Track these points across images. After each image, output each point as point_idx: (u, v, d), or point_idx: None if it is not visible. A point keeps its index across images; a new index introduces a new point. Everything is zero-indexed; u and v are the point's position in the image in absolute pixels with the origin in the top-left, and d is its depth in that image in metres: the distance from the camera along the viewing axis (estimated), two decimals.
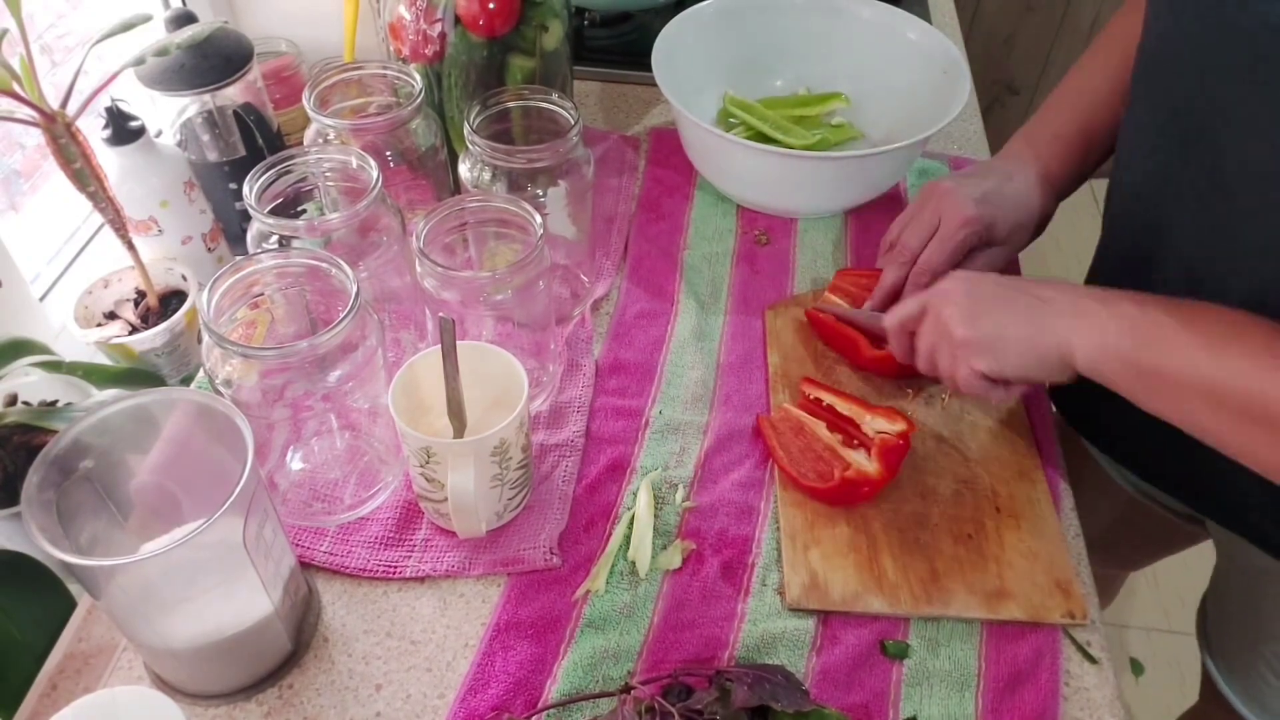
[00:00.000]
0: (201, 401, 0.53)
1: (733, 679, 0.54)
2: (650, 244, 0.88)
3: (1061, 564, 0.64)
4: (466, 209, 0.68)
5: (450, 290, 0.64)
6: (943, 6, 1.24)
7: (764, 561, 0.64)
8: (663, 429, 0.72)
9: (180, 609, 0.53)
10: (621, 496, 0.68)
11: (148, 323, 0.90)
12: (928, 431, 0.72)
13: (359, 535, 0.65)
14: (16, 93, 0.75)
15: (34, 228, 0.97)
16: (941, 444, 0.71)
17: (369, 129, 0.73)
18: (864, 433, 0.68)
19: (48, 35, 1.01)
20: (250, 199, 0.64)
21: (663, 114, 1.04)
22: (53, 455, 0.49)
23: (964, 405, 0.73)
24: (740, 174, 0.88)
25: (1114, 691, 0.59)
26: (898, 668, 0.60)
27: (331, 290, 0.61)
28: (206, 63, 0.89)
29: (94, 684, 0.58)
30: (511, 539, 0.65)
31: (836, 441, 0.68)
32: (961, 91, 0.85)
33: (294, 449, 0.70)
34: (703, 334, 0.80)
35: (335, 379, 0.59)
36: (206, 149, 0.95)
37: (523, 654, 0.59)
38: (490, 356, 0.63)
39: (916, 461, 0.69)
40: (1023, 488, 0.68)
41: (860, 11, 0.96)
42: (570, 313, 0.80)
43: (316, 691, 0.58)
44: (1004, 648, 0.60)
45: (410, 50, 0.80)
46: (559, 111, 0.75)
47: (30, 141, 1.00)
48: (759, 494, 0.68)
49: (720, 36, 0.97)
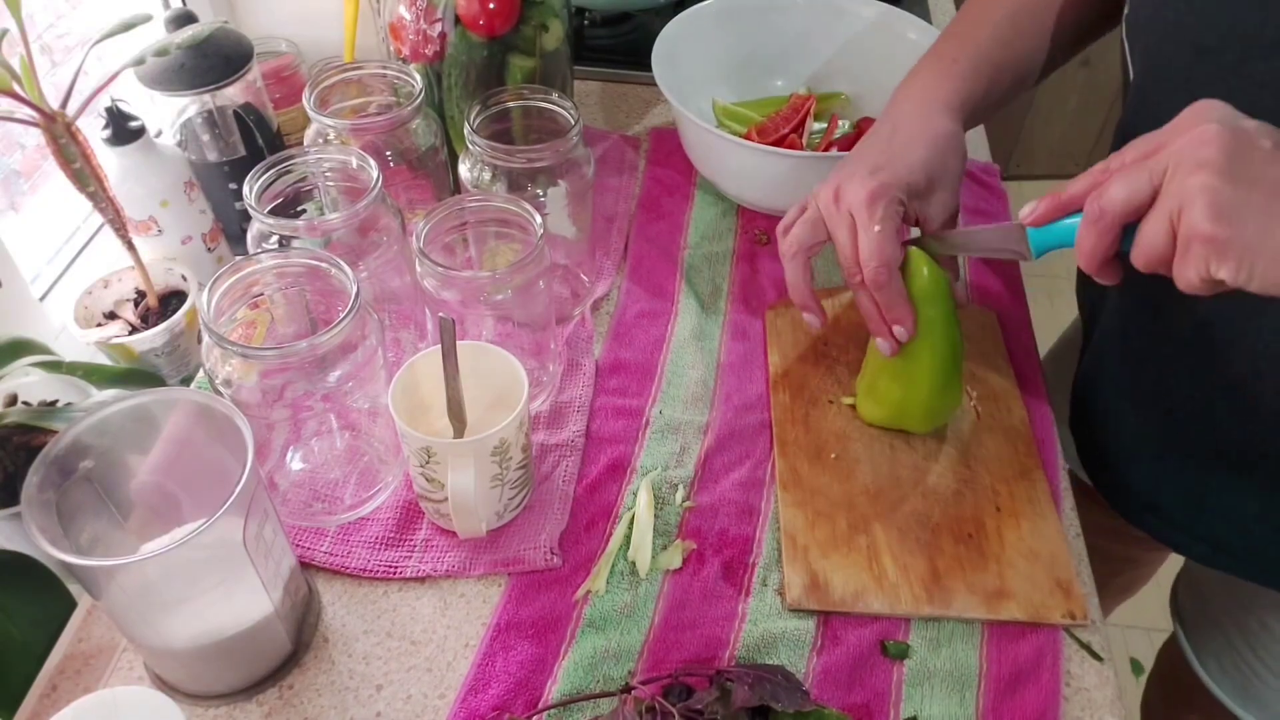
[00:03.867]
0: (201, 401, 0.53)
1: (733, 679, 0.54)
2: (650, 244, 0.88)
3: (1062, 564, 0.64)
4: (466, 209, 0.68)
5: (450, 290, 0.64)
6: (943, 6, 1.24)
7: (764, 561, 0.64)
8: (663, 429, 0.72)
9: (180, 609, 0.53)
10: (622, 496, 0.68)
11: (148, 323, 0.90)
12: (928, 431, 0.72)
13: (359, 535, 0.65)
14: (16, 93, 0.74)
15: (34, 228, 0.97)
16: (942, 443, 0.71)
17: (369, 129, 0.73)
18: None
19: (48, 35, 1.01)
20: (250, 199, 0.64)
21: (663, 114, 1.04)
22: (53, 455, 0.49)
23: (970, 406, 0.73)
24: (740, 174, 0.88)
25: (1115, 692, 0.59)
26: (898, 668, 0.60)
27: (331, 290, 0.61)
28: (206, 63, 0.89)
29: (94, 684, 0.58)
30: (512, 539, 0.65)
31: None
32: None
33: (294, 449, 0.70)
34: (703, 334, 0.80)
35: (335, 379, 0.59)
36: (206, 149, 0.95)
37: (523, 654, 0.59)
38: (490, 356, 0.63)
39: (917, 461, 0.69)
40: (1023, 487, 0.68)
41: (860, 11, 0.96)
42: (570, 312, 0.80)
43: (317, 692, 0.58)
44: (1005, 648, 0.60)
45: (410, 50, 0.80)
46: (559, 111, 0.75)
47: (30, 141, 1.00)
48: (759, 494, 0.68)
49: (720, 36, 0.97)
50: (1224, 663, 0.78)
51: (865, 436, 0.71)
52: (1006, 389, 0.75)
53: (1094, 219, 0.48)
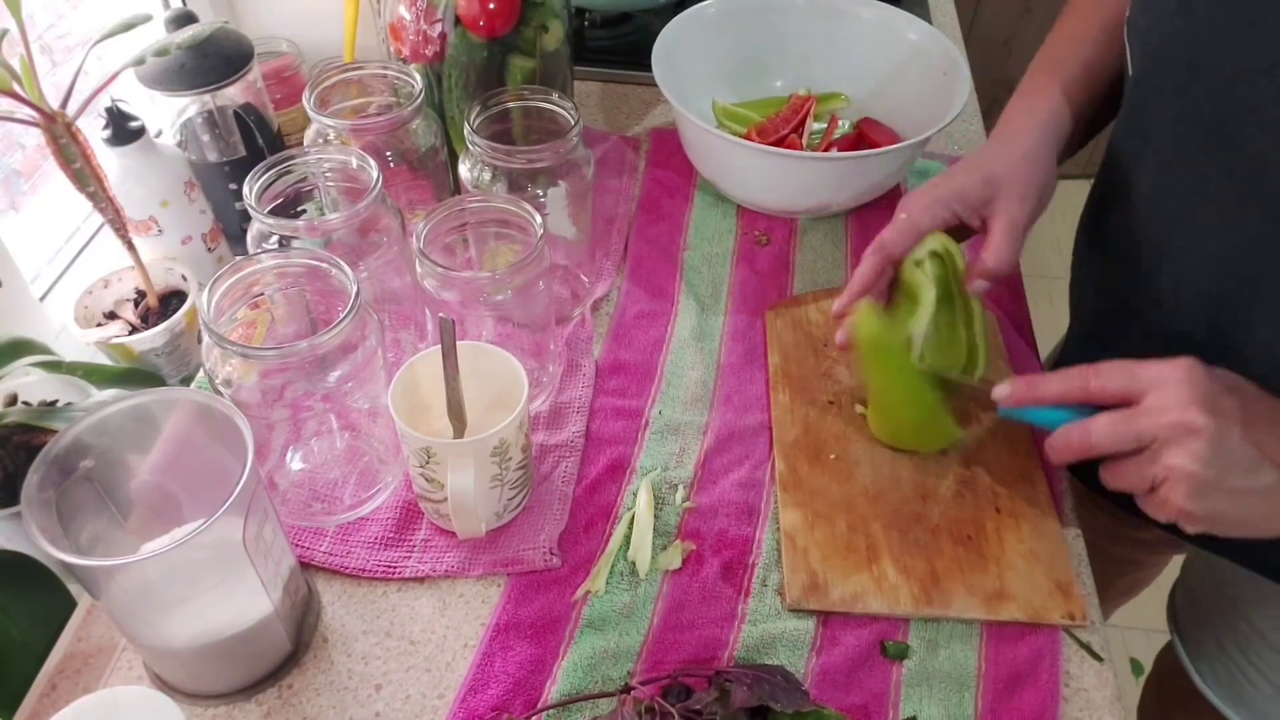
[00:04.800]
0: (201, 401, 0.53)
1: (732, 679, 0.54)
2: (650, 244, 0.88)
3: (1062, 565, 0.64)
4: (467, 209, 0.68)
5: (450, 290, 0.64)
6: (943, 7, 1.24)
7: (764, 562, 0.64)
8: (663, 429, 0.72)
9: (180, 609, 0.53)
10: (621, 497, 0.68)
11: (148, 323, 0.90)
12: None
13: (359, 535, 0.65)
14: (16, 93, 0.75)
15: (34, 228, 0.97)
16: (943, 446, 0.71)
17: (369, 129, 0.73)
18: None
19: (48, 35, 1.01)
20: (250, 199, 0.64)
21: (663, 114, 1.04)
22: (53, 455, 0.49)
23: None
24: (740, 174, 0.88)
25: (1114, 692, 0.59)
26: (897, 668, 0.60)
27: (331, 290, 0.61)
28: (206, 63, 0.89)
29: (94, 684, 0.58)
30: (511, 539, 0.65)
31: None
32: (961, 92, 0.85)
33: (294, 449, 0.70)
34: (703, 334, 0.80)
35: (335, 379, 0.59)
36: (206, 149, 0.95)
37: (522, 654, 0.59)
38: (490, 356, 0.63)
39: (917, 462, 0.69)
40: (1023, 488, 0.68)
41: (860, 12, 0.96)
42: (570, 313, 0.80)
43: (316, 691, 0.58)
44: (1004, 649, 0.60)
45: (410, 50, 0.80)
46: (559, 112, 0.75)
47: (30, 141, 1.00)
48: (759, 494, 0.68)
49: (720, 36, 0.97)
50: (1217, 668, 0.78)
51: (865, 438, 0.71)
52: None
53: (1075, 446, 0.55)
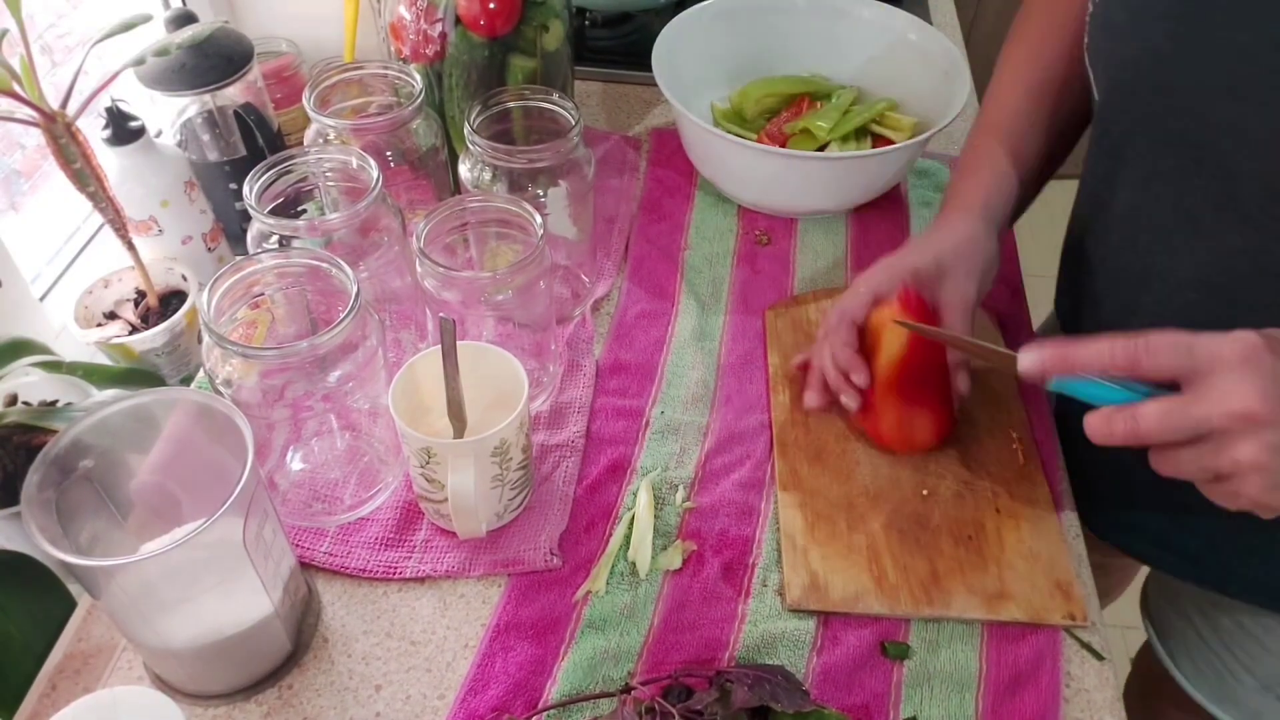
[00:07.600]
0: (201, 401, 0.53)
1: (733, 679, 0.54)
2: (651, 244, 0.88)
3: (1062, 566, 0.64)
4: (467, 209, 0.68)
5: (451, 290, 0.64)
6: (943, 7, 1.24)
7: (764, 562, 0.64)
8: (663, 429, 0.72)
9: (180, 609, 0.53)
10: (622, 497, 0.68)
11: (148, 323, 0.90)
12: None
13: (359, 536, 0.65)
14: (16, 93, 0.75)
15: (34, 228, 0.97)
16: (942, 445, 0.71)
17: (369, 129, 0.73)
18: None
19: (48, 35, 1.01)
20: (250, 199, 0.64)
21: (664, 114, 1.04)
22: (53, 455, 0.49)
23: (968, 409, 0.73)
24: (740, 174, 0.88)
25: (1115, 692, 0.59)
26: (898, 669, 0.60)
27: (332, 290, 0.61)
28: (207, 63, 0.89)
29: (94, 684, 0.58)
30: (512, 539, 0.65)
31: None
32: (961, 91, 0.85)
33: (294, 449, 0.70)
34: (703, 334, 0.80)
35: (335, 379, 0.59)
36: (207, 149, 0.95)
37: (523, 655, 0.59)
38: (490, 356, 0.63)
39: (917, 462, 0.69)
40: (1023, 489, 0.68)
41: (860, 12, 0.96)
42: (571, 313, 0.80)
43: (316, 692, 0.58)
44: (1004, 649, 0.60)
45: (411, 50, 0.80)
46: (560, 112, 0.75)
47: (30, 141, 1.00)
48: (759, 495, 0.68)
49: (720, 36, 0.97)
50: (1198, 662, 0.78)
51: (865, 438, 0.71)
52: (1006, 391, 0.75)
53: (1120, 434, 0.49)
